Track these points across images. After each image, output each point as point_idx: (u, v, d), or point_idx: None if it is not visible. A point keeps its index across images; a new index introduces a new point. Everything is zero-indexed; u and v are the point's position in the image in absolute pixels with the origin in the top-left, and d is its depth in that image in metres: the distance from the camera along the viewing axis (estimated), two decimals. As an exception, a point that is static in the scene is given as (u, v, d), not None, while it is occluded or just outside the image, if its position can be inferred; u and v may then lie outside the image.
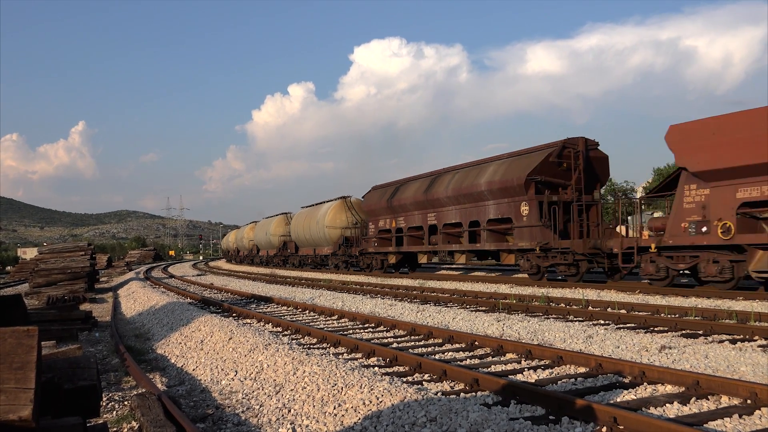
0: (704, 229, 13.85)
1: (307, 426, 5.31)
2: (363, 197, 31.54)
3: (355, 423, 5.10)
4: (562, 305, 12.73)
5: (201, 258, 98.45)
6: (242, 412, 6.06)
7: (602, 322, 10.60)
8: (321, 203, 36.53)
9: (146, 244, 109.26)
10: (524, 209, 19.09)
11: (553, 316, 11.58)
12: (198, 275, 36.51)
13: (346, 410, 5.40)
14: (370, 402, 5.41)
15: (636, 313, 11.21)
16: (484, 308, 13.02)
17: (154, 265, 62.97)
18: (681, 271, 15.56)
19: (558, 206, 18.33)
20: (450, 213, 23.07)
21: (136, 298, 19.63)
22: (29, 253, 76.39)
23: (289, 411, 5.79)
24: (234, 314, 13.86)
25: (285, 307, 15.28)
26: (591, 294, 14.79)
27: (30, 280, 23.84)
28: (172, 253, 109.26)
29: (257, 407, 6.13)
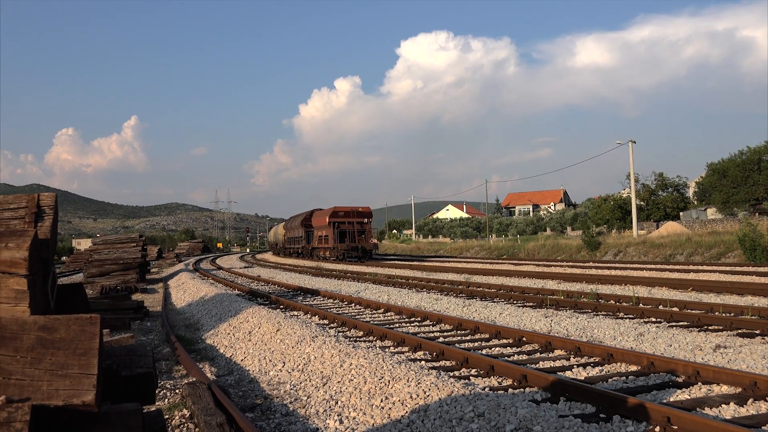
0: (315, 242, 44.78)
1: (354, 418, 5.34)
2: (285, 221, 62.46)
3: (402, 416, 5.10)
4: (612, 302, 12.49)
5: (248, 250, 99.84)
6: (290, 402, 6.13)
7: (653, 319, 10.37)
8: (282, 221, 68.84)
9: (195, 237, 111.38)
10: (303, 234, 47.80)
11: (603, 312, 11.37)
12: (245, 267, 37.08)
13: (393, 403, 5.40)
14: (417, 396, 5.40)
15: (689, 311, 10.92)
16: (531, 304, 12.88)
17: (203, 256, 64.23)
18: (322, 254, 41.60)
19: (311, 233, 46.14)
20: (296, 232, 51.19)
21: (186, 289, 20.05)
22: (83, 244, 78.62)
23: (337, 403, 5.83)
24: (281, 306, 14.03)
25: (331, 300, 15.39)
26: (642, 291, 14.48)
27: (84, 270, 24.59)
28: (219, 245, 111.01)
29: (305, 398, 6.20)
